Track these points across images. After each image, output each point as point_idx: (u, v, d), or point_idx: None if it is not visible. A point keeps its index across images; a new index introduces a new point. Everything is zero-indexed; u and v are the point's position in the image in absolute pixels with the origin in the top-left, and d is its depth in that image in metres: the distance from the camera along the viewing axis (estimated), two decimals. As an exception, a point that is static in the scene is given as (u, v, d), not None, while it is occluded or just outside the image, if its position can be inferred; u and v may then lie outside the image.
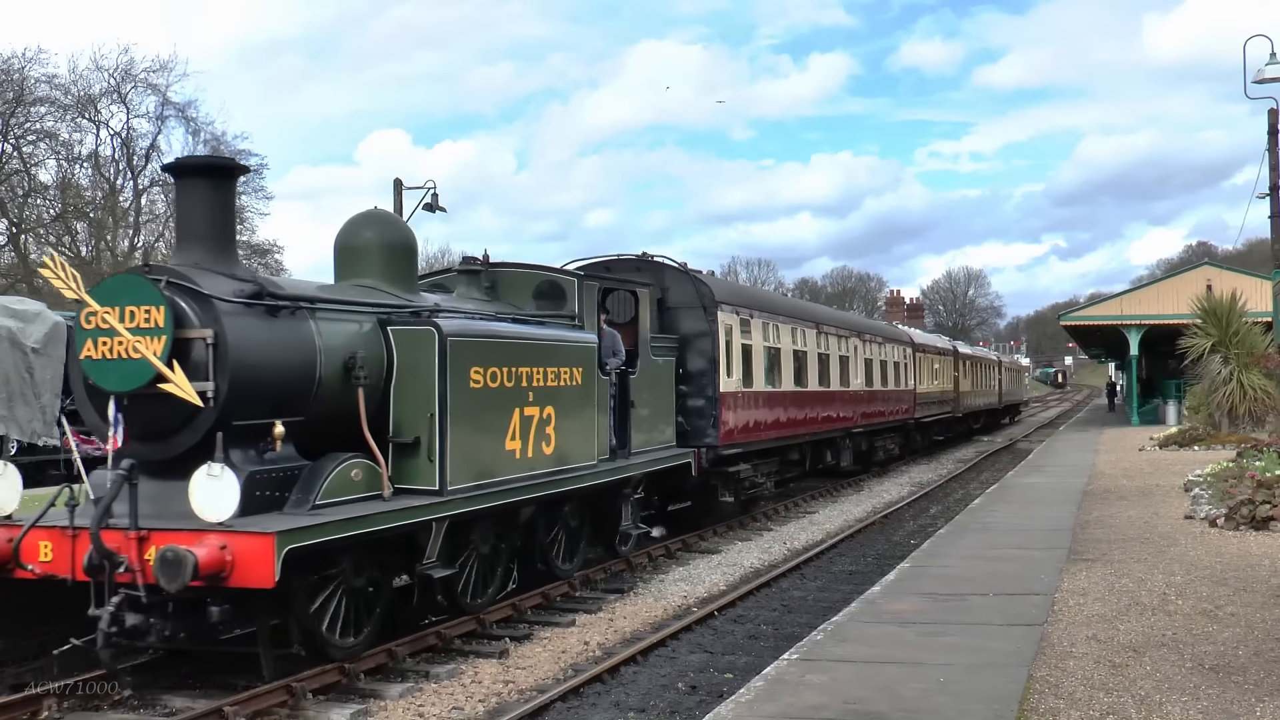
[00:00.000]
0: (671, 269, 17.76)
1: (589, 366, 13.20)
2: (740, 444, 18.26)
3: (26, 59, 43.91)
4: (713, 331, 17.31)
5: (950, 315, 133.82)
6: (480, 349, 11.07)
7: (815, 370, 22.93)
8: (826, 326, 24.53)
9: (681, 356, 16.87)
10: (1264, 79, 24.53)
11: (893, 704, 7.27)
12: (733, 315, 18.22)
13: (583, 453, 13.07)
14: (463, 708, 9.27)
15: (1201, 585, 11.16)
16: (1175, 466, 24.05)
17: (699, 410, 17.04)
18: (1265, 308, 31.38)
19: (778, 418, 20.27)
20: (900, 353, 31.80)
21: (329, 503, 9.41)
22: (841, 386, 25.02)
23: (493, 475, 11.22)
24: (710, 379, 17.18)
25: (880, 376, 28.92)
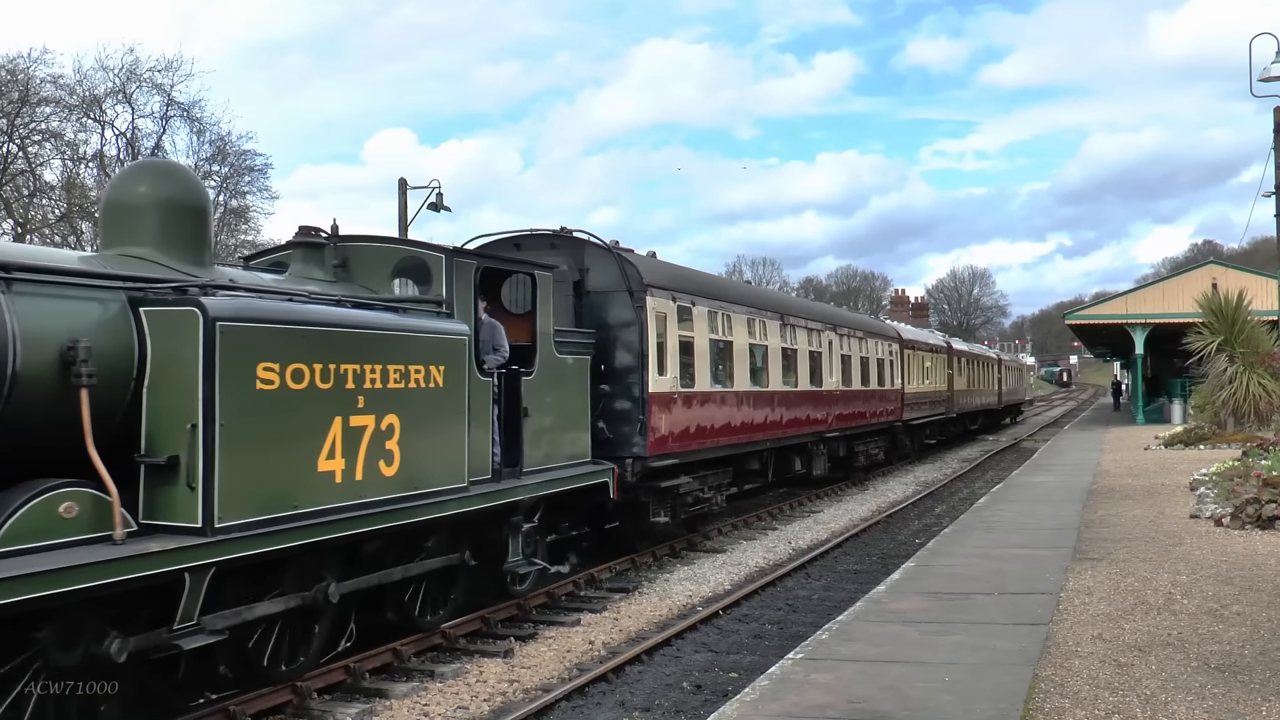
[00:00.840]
0: (593, 246, 15.02)
1: (456, 365, 10.48)
2: (676, 453, 15.59)
3: (32, 59, 43.99)
4: (640, 321, 14.65)
5: (955, 314, 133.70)
6: (275, 339, 8.35)
7: (778, 367, 20.39)
8: (794, 318, 21.91)
9: (604, 351, 14.31)
10: (1269, 77, 24.46)
11: (898, 703, 7.27)
12: (667, 302, 15.58)
13: (446, 473, 10.34)
14: (468, 707, 9.28)
15: (1207, 584, 11.14)
16: (1181, 465, 24.02)
17: (624, 415, 14.48)
18: (1271, 306, 31.33)
19: (729, 422, 17.78)
20: (885, 349, 29.62)
21: (13, 550, 6.82)
22: (812, 386, 22.49)
23: (294, 505, 8.48)
24: (637, 378, 14.58)
25: (860, 375, 26.63)
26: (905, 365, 31.46)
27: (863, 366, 26.84)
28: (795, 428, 21.15)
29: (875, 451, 28.69)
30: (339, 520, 8.98)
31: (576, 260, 14.67)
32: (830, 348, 24.00)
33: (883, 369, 29.03)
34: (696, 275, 18.37)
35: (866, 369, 27.22)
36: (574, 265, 14.50)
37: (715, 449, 17.23)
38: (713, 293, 18.05)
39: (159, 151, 48.43)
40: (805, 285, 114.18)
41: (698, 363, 16.57)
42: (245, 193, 49.46)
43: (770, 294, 23.73)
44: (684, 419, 15.85)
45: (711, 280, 19.32)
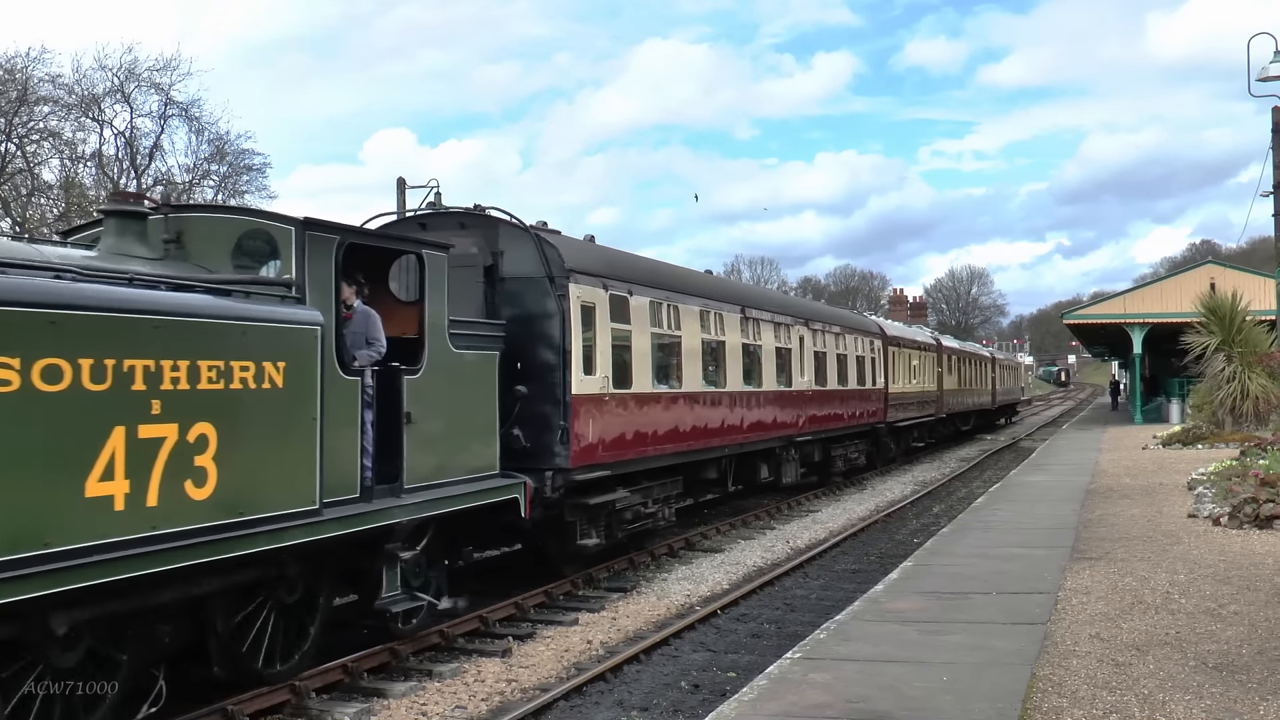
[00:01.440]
0: (509, 226, 13.18)
1: (304, 361, 8.65)
2: (608, 463, 13.73)
3: (30, 58, 43.94)
4: (561, 311, 12.82)
5: (954, 314, 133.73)
6: (9, 326, 6.52)
7: (738, 366, 18.58)
8: (758, 311, 19.86)
9: (520, 347, 12.48)
10: (1268, 77, 24.49)
11: (897, 703, 7.27)
12: (596, 290, 13.67)
13: (288, 494, 8.49)
14: (466, 706, 9.28)
15: (1205, 584, 11.15)
16: (1179, 465, 24.03)
17: (544, 421, 12.69)
18: (1269, 306, 31.37)
19: (678, 426, 15.90)
20: (867, 346, 27.78)
21: None
22: (780, 385, 20.68)
23: (43, 543, 6.60)
24: (558, 378, 12.80)
25: (838, 373, 24.78)
26: (889, 363, 29.74)
27: (840, 364, 25.10)
28: (760, 432, 19.48)
29: (855, 455, 27.03)
30: (116, 559, 7.01)
31: (489, 242, 12.82)
32: (802, 344, 22.24)
33: (863, 367, 27.28)
34: (635, 261, 16.25)
35: (844, 367, 25.48)
36: (486, 248, 12.67)
37: (660, 457, 15.38)
38: (656, 281, 15.97)
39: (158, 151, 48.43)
40: (803, 285, 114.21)
41: (636, 361, 14.65)
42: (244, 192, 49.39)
43: (729, 284, 20.64)
44: (618, 424, 13.97)
45: (654, 267, 16.87)
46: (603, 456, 13.61)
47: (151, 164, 48.91)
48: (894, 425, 30.45)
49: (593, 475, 13.38)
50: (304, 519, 8.65)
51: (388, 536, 9.99)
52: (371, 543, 9.88)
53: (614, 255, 15.50)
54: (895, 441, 31.77)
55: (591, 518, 13.75)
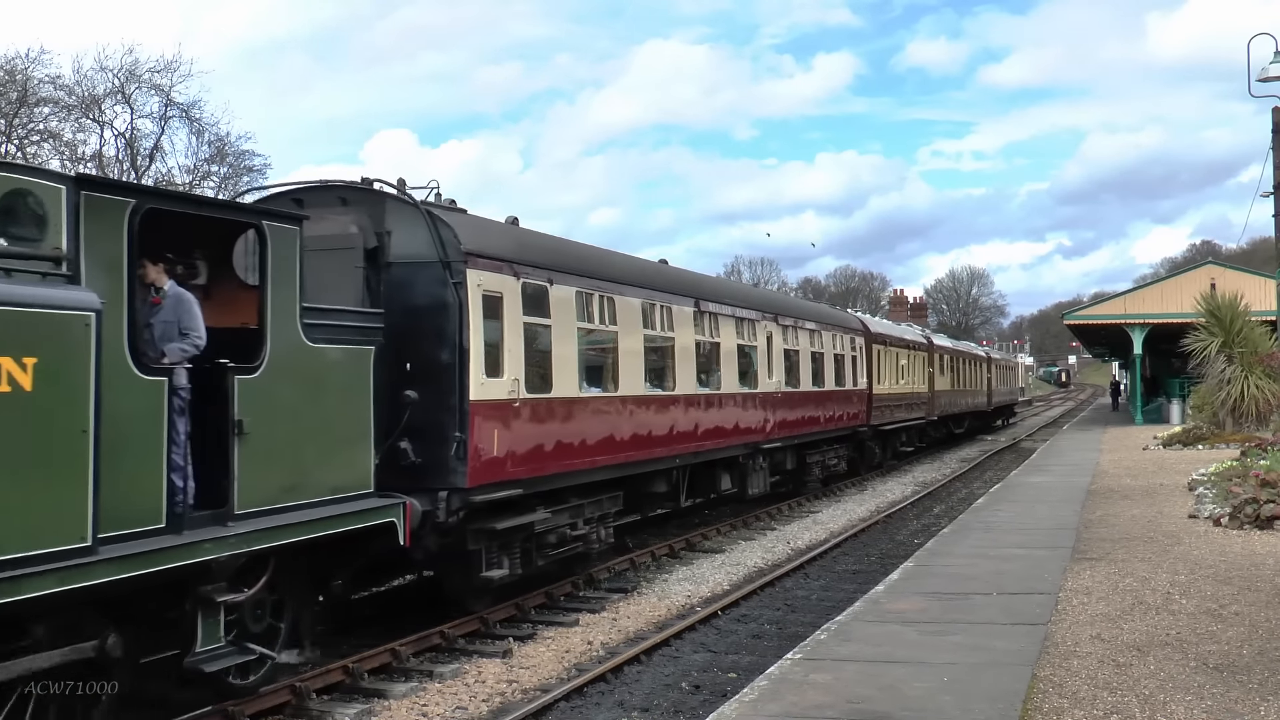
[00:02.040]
0: (397, 202, 11.34)
1: (68, 357, 6.89)
2: (520, 480, 11.82)
3: (30, 59, 43.95)
4: (458, 302, 11.02)
5: (954, 314, 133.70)
6: None
7: (691, 366, 16.65)
8: (715, 305, 17.97)
9: (408, 343, 10.68)
10: (1268, 78, 24.48)
11: (897, 703, 7.27)
12: (503, 278, 11.81)
13: (37, 530, 6.70)
14: (466, 707, 9.28)
15: (1205, 584, 11.14)
16: (1179, 465, 24.03)
17: (436, 431, 10.75)
18: (1269, 307, 31.35)
19: (614, 435, 14.08)
20: (847, 343, 25.94)
21: None
22: (744, 387, 18.95)
23: None
24: (454, 381, 10.94)
25: (812, 373, 22.92)
26: (873, 362, 28.01)
27: (815, 363, 23.29)
28: (719, 439, 17.64)
29: (834, 462, 25.19)
30: None
31: (375, 220, 10.90)
32: (770, 342, 20.46)
33: (843, 366, 25.41)
34: (557, 245, 14.09)
35: (821, 366, 23.67)
36: (370, 227, 10.76)
37: (592, 471, 13.55)
38: (584, 268, 13.92)
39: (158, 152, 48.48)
40: (804, 285, 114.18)
41: (559, 361, 12.81)
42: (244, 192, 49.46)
43: (679, 274, 18.05)
44: (534, 434, 12.19)
45: (582, 253, 14.68)
46: (514, 472, 11.68)
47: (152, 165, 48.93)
48: (879, 428, 28.69)
49: (499, 494, 11.39)
50: (62, 561, 6.74)
51: (204, 576, 8.06)
52: (183, 585, 8.05)
53: (529, 237, 13.36)
54: (881, 446, 30.09)
55: (503, 544, 11.76)
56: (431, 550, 10.87)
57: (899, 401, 30.81)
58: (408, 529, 10.02)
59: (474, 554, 11.40)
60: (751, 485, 19.51)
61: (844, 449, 26.05)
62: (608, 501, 14.23)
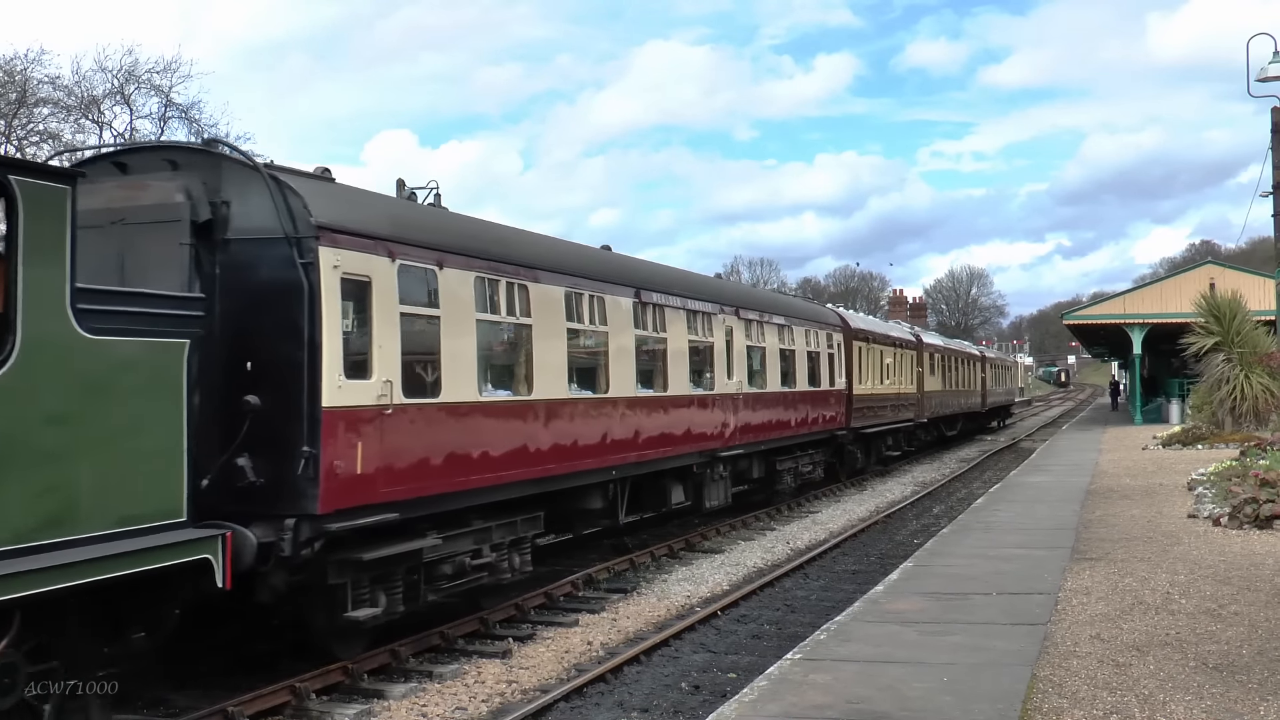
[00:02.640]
0: (235, 165, 9.54)
1: None
2: (398, 502, 9.90)
3: (29, 60, 43.94)
4: (309, 286, 9.05)
5: (953, 314, 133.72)
6: None
7: (629, 365, 14.70)
8: (660, 296, 15.96)
9: (248, 337, 8.98)
10: (1267, 77, 24.48)
11: (896, 703, 7.26)
12: (371, 258, 9.79)
13: None
14: (466, 708, 9.28)
15: (1205, 584, 11.15)
16: (1178, 465, 24.03)
17: (281, 445, 8.88)
18: (1268, 306, 31.37)
19: (528, 445, 12.13)
20: (823, 340, 24.03)
21: None
22: (698, 389, 17.09)
23: None
24: (303, 383, 9.01)
25: (781, 373, 20.94)
26: (854, 361, 26.10)
27: (785, 362, 21.33)
28: (665, 446, 15.74)
29: (809, 469, 23.34)
30: None
31: (210, 187, 9.22)
32: (730, 338, 18.55)
33: (817, 365, 23.48)
34: (449, 222, 11.98)
35: (791, 365, 21.70)
36: (203, 195, 9.11)
37: (499, 488, 11.61)
38: (485, 250, 11.75)
39: (156, 152, 48.28)
40: (803, 286, 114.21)
41: (451, 360, 10.85)
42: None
43: (611, 260, 15.74)
44: (418, 446, 10.27)
45: (483, 231, 12.49)
46: (388, 493, 9.79)
47: (151, 165, 48.85)
48: (860, 432, 26.77)
49: (366, 520, 9.45)
50: None
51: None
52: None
53: (411, 211, 11.55)
54: (865, 450, 28.24)
55: (378, 577, 9.92)
56: (280, 589, 9.08)
57: (884, 403, 29.07)
58: (228, 567, 8.11)
59: (337, 590, 9.52)
60: (709, 497, 17.66)
61: (821, 454, 24.28)
62: (524, 523, 12.30)
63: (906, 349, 32.48)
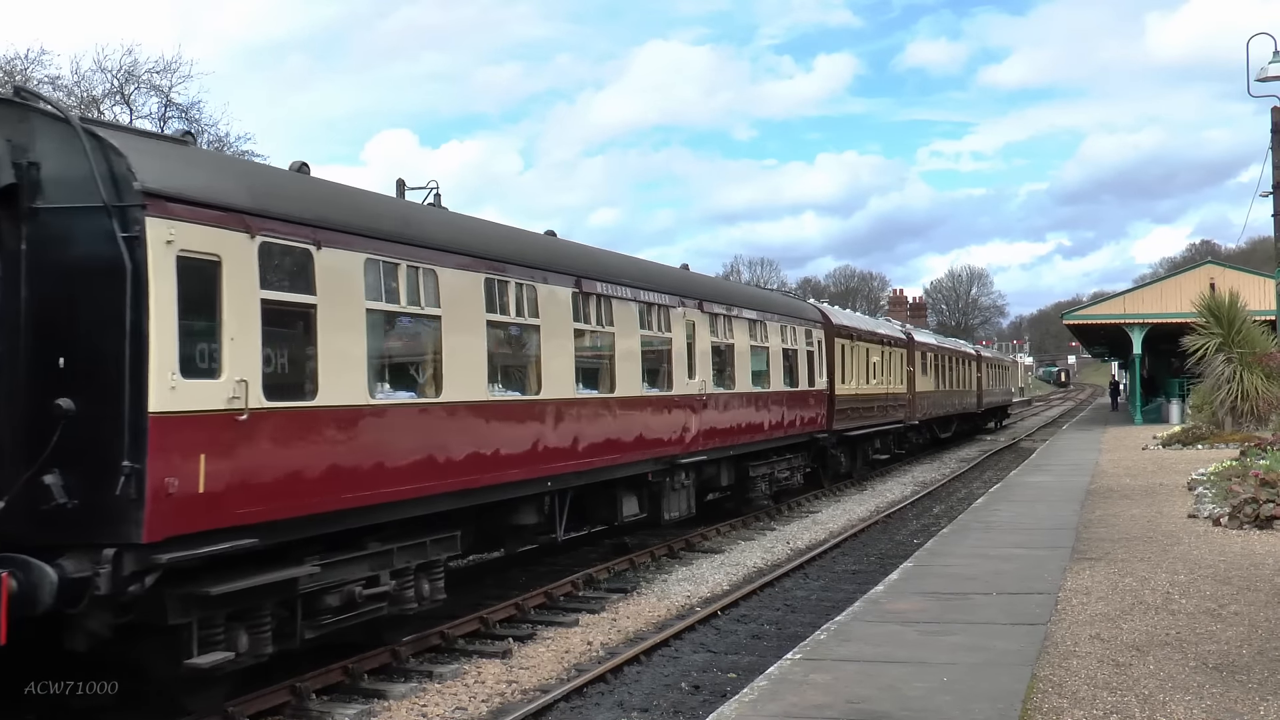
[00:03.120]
0: (46, 119, 7.99)
1: None
2: (258, 525, 8.36)
3: (29, 60, 43.96)
4: (133, 263, 7.55)
5: (953, 314, 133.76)
6: None
7: (566, 363, 13.06)
8: (608, 287, 14.28)
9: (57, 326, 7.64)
10: (1267, 77, 24.48)
11: (897, 703, 7.26)
12: (226, 233, 8.29)
13: None
14: (466, 708, 9.28)
15: (1205, 584, 11.15)
16: (1179, 465, 24.03)
17: (99, 457, 7.44)
18: (1268, 306, 31.36)
19: (435, 454, 10.45)
20: (801, 337, 22.40)
21: None
22: (652, 389, 15.52)
23: None
24: (123, 383, 7.48)
25: (752, 371, 19.50)
26: (837, 359, 24.61)
27: (758, 360, 19.95)
28: (613, 454, 14.10)
29: (786, 475, 21.74)
30: None
31: (17, 145, 7.80)
32: (692, 333, 16.92)
33: (795, 364, 21.92)
34: (333, 192, 10.25)
35: (765, 363, 20.34)
36: (7, 155, 7.72)
37: (399, 505, 9.99)
38: (380, 229, 10.07)
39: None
40: (803, 286, 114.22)
41: (331, 356, 9.20)
42: None
43: (545, 243, 13.97)
44: (286, 458, 8.69)
45: (377, 206, 10.80)
46: (247, 514, 8.23)
47: (151, 165, 48.83)
48: (844, 434, 25.28)
49: (212, 548, 7.88)
50: None
51: None
52: None
53: (276, 179, 9.81)
54: (850, 454, 26.84)
55: (240, 613, 8.36)
56: (102, 633, 7.65)
57: (870, 404, 27.59)
58: (3, 615, 6.69)
59: (181, 631, 7.91)
60: (669, 508, 16.04)
61: (800, 459, 22.69)
62: (436, 545, 10.70)
63: (896, 347, 31.02)
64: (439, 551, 10.82)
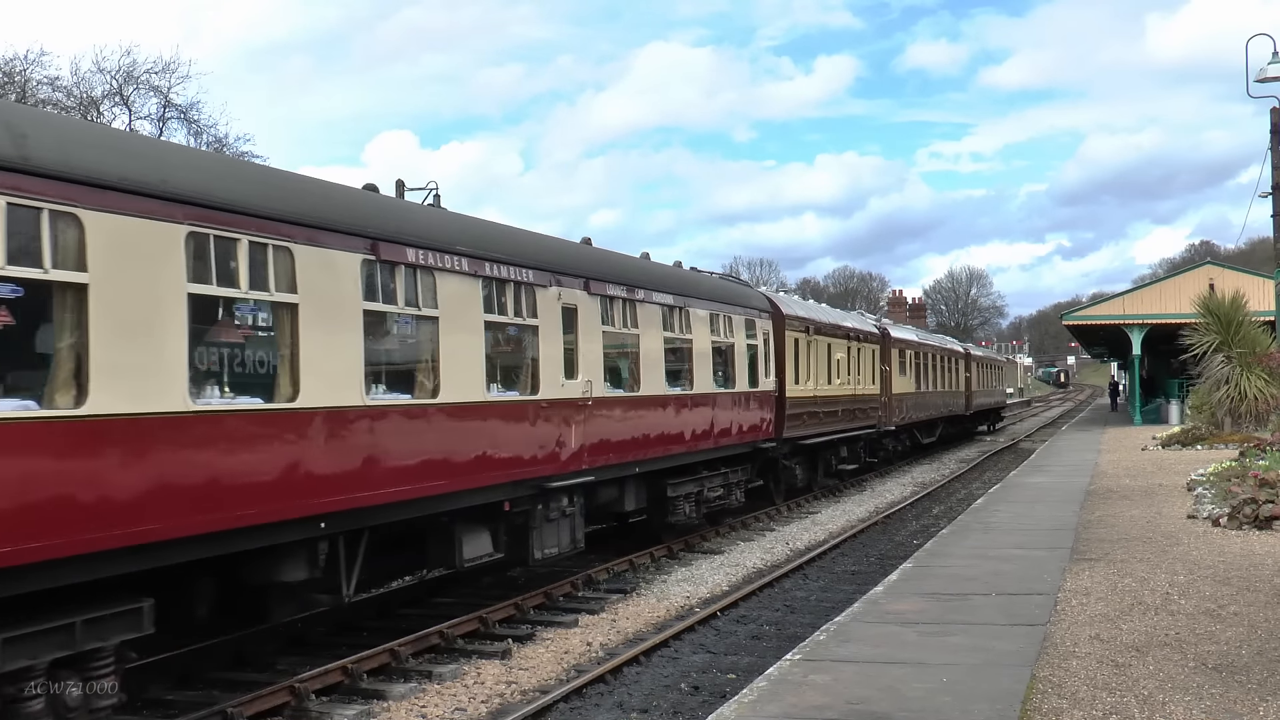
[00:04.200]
0: None
1: None
2: None
3: (29, 61, 43.95)
4: None
5: (953, 315, 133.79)
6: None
7: (345, 357, 9.53)
8: (414, 252, 10.53)
9: None
10: (1266, 78, 24.50)
11: (896, 704, 7.26)
12: None
13: None
14: (465, 708, 9.28)
15: (1204, 585, 11.14)
16: (1178, 466, 24.03)
17: None
18: (1268, 307, 31.36)
19: (77, 494, 7.11)
20: (739, 328, 18.99)
21: None
22: (500, 393, 11.96)
23: None
24: None
25: (666, 368, 15.96)
26: (791, 356, 21.35)
27: (676, 356, 16.66)
28: (441, 479, 10.73)
29: (718, 492, 18.22)
30: None
31: None
32: (574, 320, 13.53)
33: (731, 360, 18.60)
34: None
35: (687, 360, 16.96)
36: None
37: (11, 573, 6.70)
38: None
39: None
40: (802, 286, 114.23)
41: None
42: None
43: (310, 187, 10.08)
44: None
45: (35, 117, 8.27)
46: None
47: (150, 166, 48.79)
48: (800, 443, 22.06)
49: None
50: None
51: None
52: None
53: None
54: (807, 465, 23.36)
55: None
56: None
57: (832, 407, 24.07)
58: None
59: None
60: (540, 543, 12.84)
61: (741, 473, 19.25)
62: (88, 629, 7.30)
63: (866, 343, 27.69)
64: (109, 634, 7.47)
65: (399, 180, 12.36)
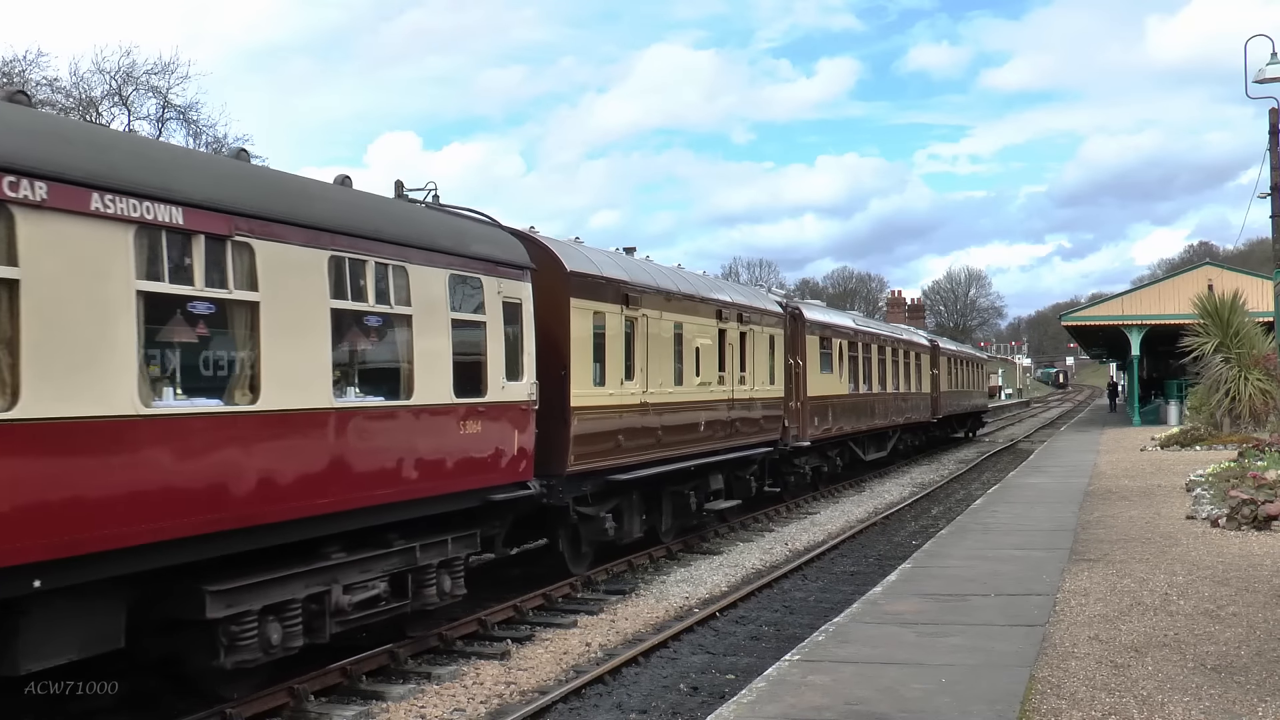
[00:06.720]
0: None
1: None
2: None
3: (27, 62, 43.95)
4: None
5: (951, 316, 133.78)
6: None
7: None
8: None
9: None
10: (1265, 79, 24.46)
11: (895, 704, 7.27)
12: None
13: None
14: (464, 709, 9.27)
15: (1203, 585, 11.15)
16: (1177, 467, 24.03)
17: None
18: (1266, 307, 31.37)
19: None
20: (467, 297, 10.92)
21: None
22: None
23: None
24: None
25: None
26: (577, 336, 13.52)
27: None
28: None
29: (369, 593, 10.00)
30: None
31: None
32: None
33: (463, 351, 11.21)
34: None
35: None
36: None
37: None
38: None
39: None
40: (801, 287, 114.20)
41: None
42: None
43: None
44: None
45: None
46: None
47: (149, 167, 48.73)
48: (611, 480, 14.26)
49: None
50: None
51: None
52: None
53: None
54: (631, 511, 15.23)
55: None
56: None
57: (683, 418, 16.61)
58: None
59: None
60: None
61: (465, 542, 11.17)
62: None
63: (756, 325, 19.97)
64: None
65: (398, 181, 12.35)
